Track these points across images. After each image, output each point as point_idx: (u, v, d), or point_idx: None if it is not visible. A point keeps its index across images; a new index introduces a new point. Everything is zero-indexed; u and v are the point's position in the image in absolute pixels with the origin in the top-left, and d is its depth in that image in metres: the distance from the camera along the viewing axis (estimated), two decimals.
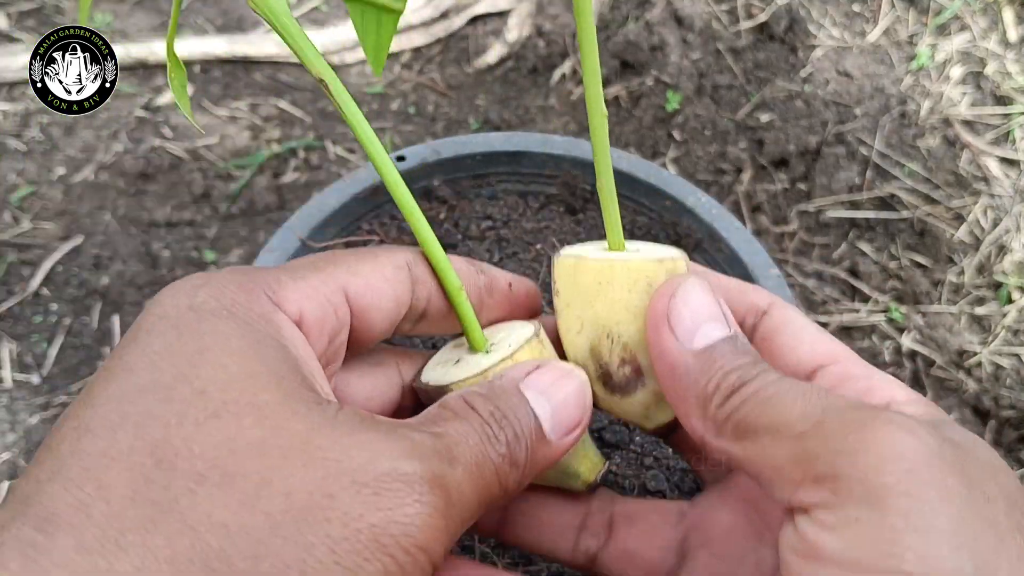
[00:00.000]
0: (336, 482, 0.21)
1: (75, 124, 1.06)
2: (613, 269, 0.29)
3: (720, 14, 1.12)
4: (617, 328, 0.30)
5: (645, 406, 0.31)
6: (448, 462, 0.23)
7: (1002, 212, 0.99)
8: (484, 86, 1.15)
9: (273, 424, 0.21)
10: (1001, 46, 1.14)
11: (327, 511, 0.20)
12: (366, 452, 0.22)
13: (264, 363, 0.22)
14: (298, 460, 0.21)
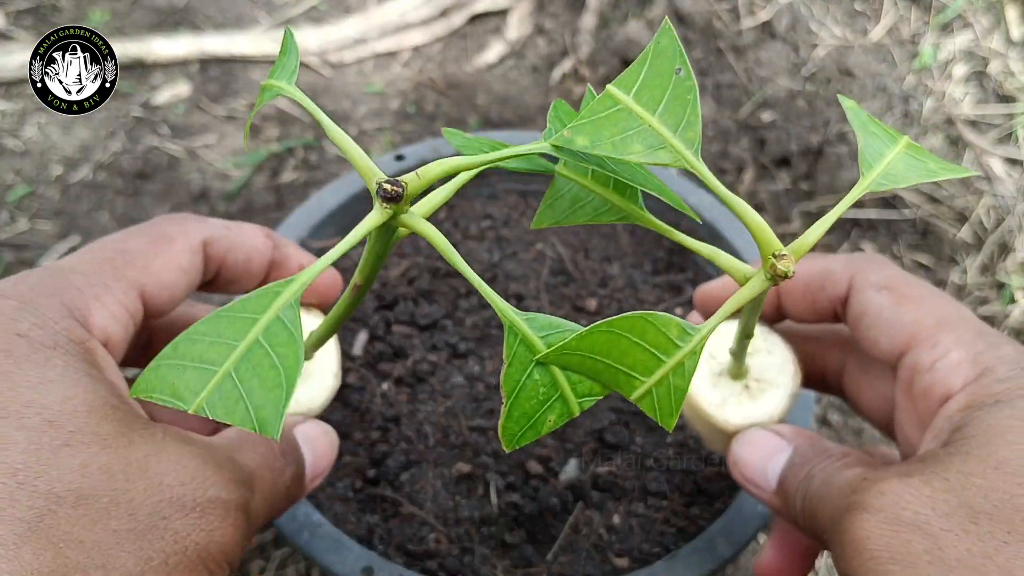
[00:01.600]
0: (170, 505, 0.25)
1: (72, 123, 1.05)
2: (700, 412, 0.36)
3: (722, 12, 1.12)
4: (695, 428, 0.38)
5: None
6: (251, 490, 0.28)
7: (1005, 212, 0.98)
8: (484, 85, 1.14)
9: (116, 452, 0.25)
10: (1004, 45, 1.14)
11: (163, 530, 0.24)
12: (194, 480, 0.26)
13: (98, 394, 0.25)
14: (140, 483, 0.24)
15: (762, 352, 0.35)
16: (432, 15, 1.19)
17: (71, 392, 0.25)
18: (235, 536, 0.26)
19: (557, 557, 0.47)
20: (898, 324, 0.30)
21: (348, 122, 1.09)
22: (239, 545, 0.26)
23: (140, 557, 0.23)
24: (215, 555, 0.25)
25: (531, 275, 0.56)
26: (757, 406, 0.34)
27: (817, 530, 0.28)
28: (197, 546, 0.24)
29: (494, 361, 0.53)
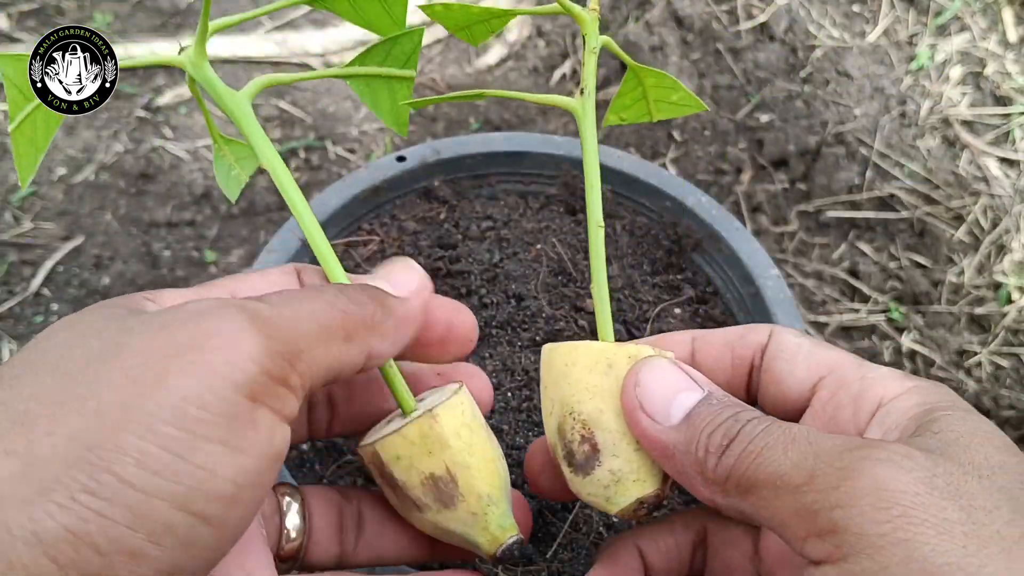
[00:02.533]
0: (128, 334, 0.24)
1: (76, 124, 1.06)
2: (577, 351, 0.32)
3: (720, 14, 1.12)
4: (578, 407, 0.31)
5: (604, 486, 0.31)
6: (262, 301, 0.25)
7: (1002, 212, 0.99)
8: (484, 86, 1.15)
9: (82, 325, 0.26)
10: (1001, 46, 1.14)
11: (118, 352, 0.23)
12: (167, 312, 0.25)
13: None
14: (95, 336, 0.24)
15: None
16: None
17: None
18: (234, 327, 0.23)
19: (557, 555, 0.48)
20: (816, 357, 0.31)
21: (349, 123, 1.09)
22: (250, 334, 0.23)
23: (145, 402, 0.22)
24: (205, 350, 0.23)
25: (531, 275, 0.56)
26: (642, 348, 0.33)
27: (748, 478, 0.25)
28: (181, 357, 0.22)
29: (494, 361, 0.54)
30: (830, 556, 0.22)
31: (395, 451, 0.31)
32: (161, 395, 0.21)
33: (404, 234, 0.59)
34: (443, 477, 0.31)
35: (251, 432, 0.23)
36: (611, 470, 0.31)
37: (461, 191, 0.63)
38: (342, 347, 0.27)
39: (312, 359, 0.25)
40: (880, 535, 0.21)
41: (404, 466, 0.32)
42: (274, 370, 0.23)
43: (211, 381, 0.22)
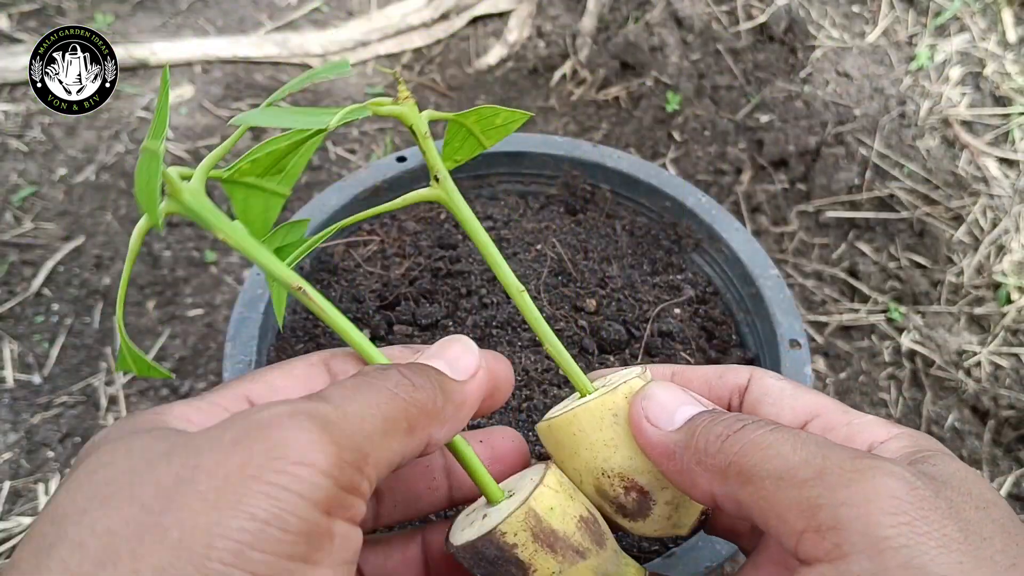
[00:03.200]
0: (197, 455, 0.23)
1: (76, 125, 1.06)
2: (578, 417, 0.32)
3: (720, 15, 1.12)
4: (607, 465, 0.32)
5: (667, 517, 0.33)
6: (323, 400, 0.25)
7: (1001, 212, 0.99)
8: (484, 87, 1.15)
9: (140, 450, 0.24)
10: (1000, 47, 1.14)
11: (193, 477, 0.22)
12: (231, 426, 0.24)
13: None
14: (163, 461, 0.23)
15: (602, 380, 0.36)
16: (433, 18, 1.20)
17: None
18: (295, 432, 0.23)
19: None
20: (801, 400, 0.32)
21: (350, 124, 1.09)
22: (312, 441, 0.23)
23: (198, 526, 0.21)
24: (270, 463, 0.22)
25: (531, 275, 0.56)
26: (620, 384, 0.33)
27: (751, 467, 0.26)
28: (241, 466, 0.22)
29: None
30: (827, 554, 0.23)
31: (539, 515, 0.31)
32: (244, 519, 0.21)
33: (404, 234, 0.59)
34: (588, 518, 0.32)
35: (328, 543, 0.23)
36: (667, 502, 0.33)
37: (461, 191, 0.63)
38: (404, 440, 0.26)
39: (379, 459, 0.25)
40: (884, 538, 0.22)
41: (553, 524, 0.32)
42: (345, 481, 0.23)
43: (290, 501, 0.22)
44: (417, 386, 0.27)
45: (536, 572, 0.31)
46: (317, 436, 0.23)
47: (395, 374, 0.27)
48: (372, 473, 0.24)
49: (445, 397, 0.28)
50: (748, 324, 0.58)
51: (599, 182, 0.64)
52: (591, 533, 0.33)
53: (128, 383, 0.84)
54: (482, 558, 0.31)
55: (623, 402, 0.32)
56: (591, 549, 0.32)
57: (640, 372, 0.34)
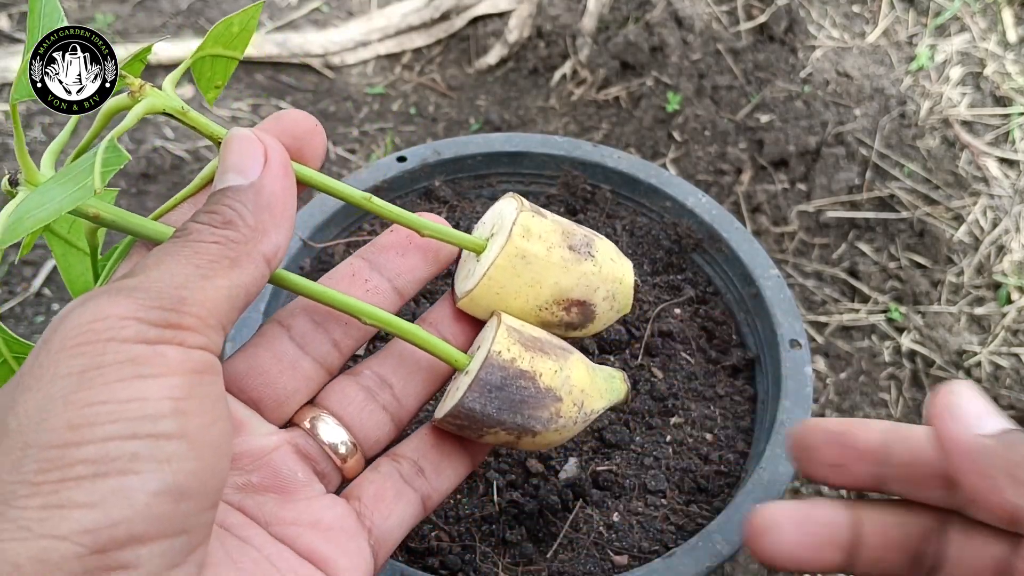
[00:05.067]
0: (31, 360, 0.24)
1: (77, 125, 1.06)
2: (493, 279, 0.33)
3: (720, 15, 1.12)
4: (539, 300, 0.34)
5: (609, 308, 0.35)
6: (129, 276, 0.25)
7: (1001, 212, 0.99)
8: (485, 87, 1.15)
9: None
10: (1000, 47, 1.14)
11: (23, 379, 0.23)
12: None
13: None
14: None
15: (484, 225, 0.36)
16: (433, 18, 1.19)
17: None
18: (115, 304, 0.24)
19: (557, 555, 0.48)
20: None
21: (350, 123, 1.09)
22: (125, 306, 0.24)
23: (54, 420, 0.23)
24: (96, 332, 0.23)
25: None
26: (505, 224, 0.34)
27: None
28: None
29: None
30: None
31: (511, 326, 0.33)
32: (62, 381, 0.22)
33: None
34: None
35: (161, 359, 0.23)
36: (604, 298, 0.35)
37: (462, 191, 0.63)
38: (234, 273, 0.26)
39: (201, 300, 0.25)
40: None
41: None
42: (156, 319, 0.24)
43: (100, 348, 0.23)
44: (226, 224, 0.27)
45: (542, 376, 0.32)
46: (111, 299, 0.24)
47: (196, 226, 0.27)
48: (199, 311, 0.25)
49: (252, 212, 0.28)
50: (748, 324, 0.58)
51: (599, 182, 0.64)
52: (558, 339, 0.35)
53: None
54: (491, 388, 0.31)
55: (523, 242, 0.33)
56: (572, 348, 0.34)
57: (508, 203, 0.34)
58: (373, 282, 0.35)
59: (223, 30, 0.32)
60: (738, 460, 0.53)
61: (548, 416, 0.33)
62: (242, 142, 0.29)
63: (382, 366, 0.35)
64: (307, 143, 0.34)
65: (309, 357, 0.34)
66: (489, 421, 0.33)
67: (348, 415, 0.34)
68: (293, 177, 0.30)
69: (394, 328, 0.32)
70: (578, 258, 0.34)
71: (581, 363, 0.34)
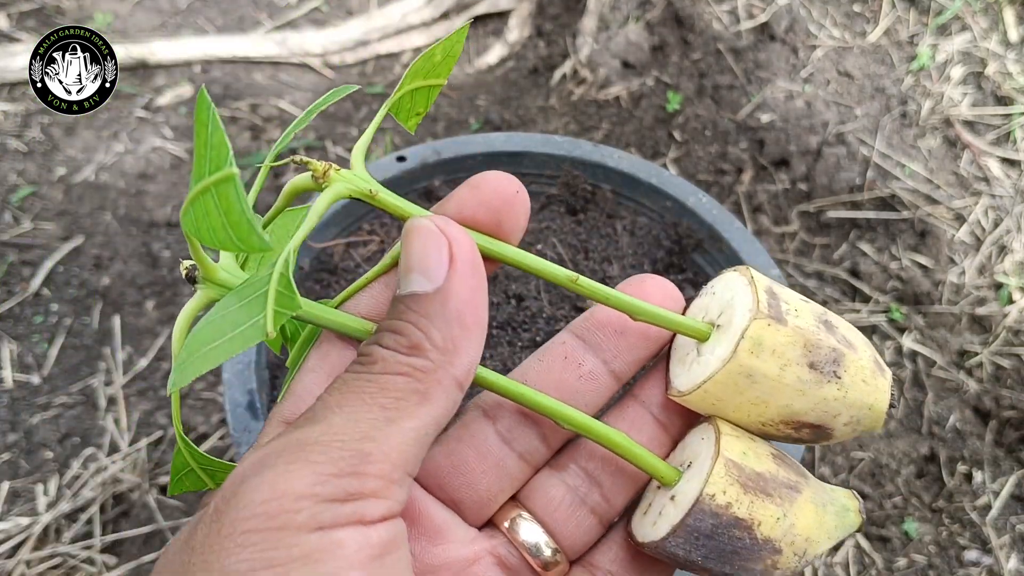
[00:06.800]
0: (194, 531, 0.22)
1: (75, 125, 1.06)
2: (710, 392, 0.29)
3: (721, 14, 1.12)
4: (763, 418, 0.29)
5: (851, 431, 0.30)
6: (308, 422, 0.23)
7: (1003, 212, 0.99)
8: (485, 86, 1.15)
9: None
10: (1002, 46, 1.14)
11: (191, 557, 0.22)
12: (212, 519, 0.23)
13: None
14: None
15: (710, 303, 0.31)
16: (433, 17, 1.19)
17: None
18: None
19: None
20: None
21: (349, 123, 1.09)
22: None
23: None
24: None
25: (531, 276, 0.56)
26: (735, 321, 0.29)
27: None
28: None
29: (494, 361, 0.54)
30: None
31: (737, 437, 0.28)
32: (233, 561, 0.21)
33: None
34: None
35: (338, 551, 0.21)
36: (846, 424, 0.29)
37: None
38: (425, 411, 0.24)
39: (390, 450, 0.23)
40: None
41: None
42: (336, 494, 0.22)
43: (270, 540, 0.21)
44: (413, 349, 0.24)
45: (761, 525, 0.28)
46: (284, 468, 0.22)
47: (381, 352, 0.24)
48: (384, 467, 0.23)
49: (440, 329, 0.24)
50: None
51: (600, 182, 0.63)
52: (789, 465, 0.30)
53: (128, 384, 0.84)
54: (698, 535, 0.28)
55: (750, 359, 0.27)
56: (800, 480, 0.29)
57: (742, 287, 0.29)
58: (587, 366, 0.30)
59: (424, 63, 0.29)
60: None
61: (762, 569, 0.28)
62: (424, 237, 0.25)
63: (590, 461, 0.31)
64: (507, 215, 0.28)
65: (515, 454, 0.30)
66: (692, 567, 0.29)
67: (554, 521, 0.30)
68: (483, 276, 0.26)
69: (597, 437, 0.28)
70: (819, 379, 0.28)
71: (810, 504, 0.29)
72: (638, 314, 0.29)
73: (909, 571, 0.74)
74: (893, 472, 0.79)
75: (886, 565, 0.75)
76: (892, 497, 0.78)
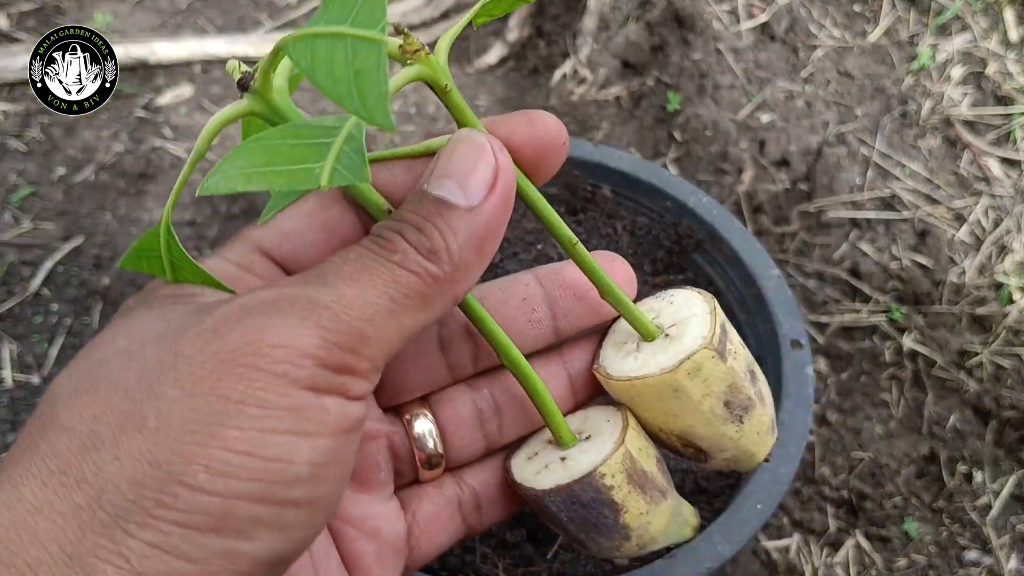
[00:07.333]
0: (181, 341, 0.22)
1: (75, 124, 1.06)
2: (636, 388, 0.31)
3: (721, 14, 1.12)
4: (666, 427, 0.32)
5: (724, 464, 0.33)
6: (318, 282, 0.23)
7: (1003, 212, 0.99)
8: (485, 86, 1.15)
9: (139, 330, 0.24)
10: (1002, 46, 1.14)
11: (173, 363, 0.22)
12: (215, 310, 0.23)
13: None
14: (152, 345, 0.23)
15: (664, 308, 0.33)
16: (433, 17, 1.19)
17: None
18: (277, 322, 0.22)
19: (557, 556, 0.48)
20: None
21: None
22: (299, 327, 0.22)
23: (151, 394, 0.21)
24: (247, 348, 0.22)
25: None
26: (685, 340, 0.30)
27: None
28: (216, 354, 0.22)
29: None
30: None
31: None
32: (217, 402, 0.21)
33: None
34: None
35: (321, 416, 0.22)
36: (725, 460, 0.33)
37: None
38: (419, 315, 0.24)
39: (383, 340, 0.24)
40: None
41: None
42: (334, 362, 0.22)
43: (266, 382, 0.21)
44: (431, 254, 0.24)
45: (627, 514, 0.31)
46: (299, 322, 0.22)
47: (403, 244, 0.24)
48: (375, 352, 0.23)
49: (460, 247, 0.25)
50: (750, 324, 0.58)
51: (600, 182, 0.63)
52: (665, 474, 0.33)
53: None
54: (575, 501, 0.30)
55: (685, 379, 0.30)
56: (668, 489, 0.32)
57: (703, 315, 0.31)
58: (539, 315, 0.32)
59: None
60: None
61: (608, 546, 0.32)
62: (473, 151, 0.26)
63: (503, 394, 0.33)
64: (548, 159, 0.30)
65: (446, 362, 0.32)
66: (553, 521, 0.32)
67: (450, 430, 0.32)
68: (511, 209, 0.27)
69: (524, 379, 0.30)
70: (727, 418, 0.31)
71: (668, 511, 0.32)
72: (607, 295, 0.31)
73: (909, 571, 0.74)
74: (893, 472, 0.79)
75: (886, 565, 0.75)
76: (892, 497, 0.78)
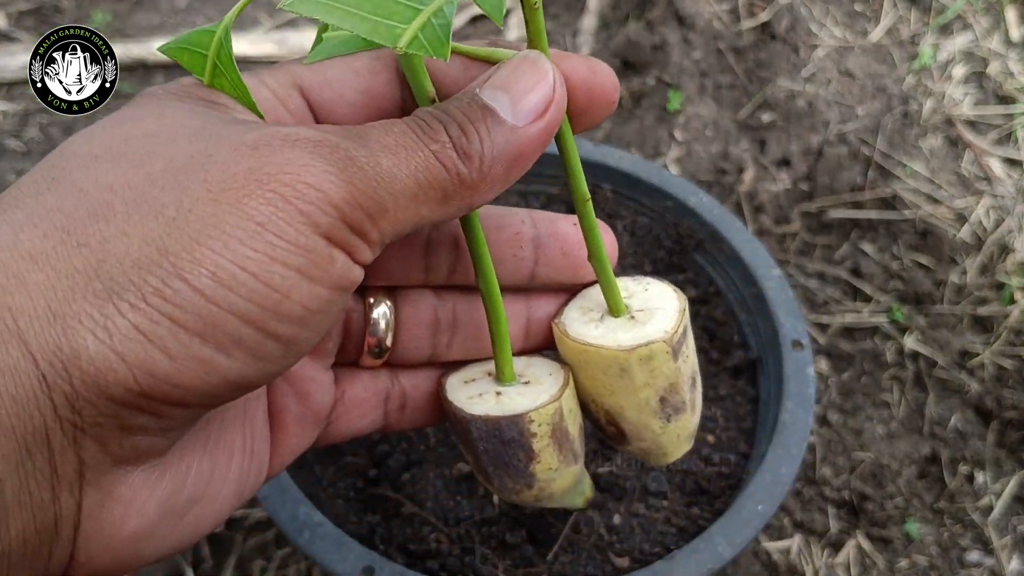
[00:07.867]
0: (217, 145, 0.22)
1: (74, 124, 1.06)
2: (588, 353, 0.32)
3: (722, 13, 1.12)
4: (599, 399, 0.33)
5: (636, 454, 0.35)
6: (359, 142, 0.23)
7: (1005, 212, 0.99)
8: None
9: (171, 120, 0.24)
10: (1004, 46, 1.14)
11: (205, 164, 0.22)
12: (257, 129, 0.23)
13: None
14: (185, 139, 0.23)
15: (638, 292, 0.34)
16: None
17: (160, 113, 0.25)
18: (314, 166, 0.22)
19: (558, 557, 0.47)
20: None
21: None
22: (330, 179, 0.22)
23: (175, 189, 0.21)
24: (279, 176, 0.21)
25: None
26: (648, 327, 0.31)
27: None
28: (250, 171, 0.21)
29: None
30: None
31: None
32: (240, 217, 0.21)
33: None
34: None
35: (327, 264, 0.22)
36: (641, 450, 0.34)
37: None
38: (436, 208, 0.25)
39: (400, 217, 0.24)
40: None
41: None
42: (353, 220, 0.23)
43: (290, 215, 0.21)
44: (465, 155, 0.24)
45: (539, 464, 0.32)
46: (335, 171, 0.22)
47: (444, 136, 0.24)
48: (387, 227, 0.24)
49: (493, 160, 0.25)
50: (750, 325, 0.58)
51: (600, 182, 0.63)
52: (582, 442, 0.34)
53: None
54: (498, 436, 0.31)
55: (635, 363, 0.31)
56: (580, 456, 0.34)
57: (672, 310, 0.32)
58: (523, 254, 0.33)
59: None
60: (740, 462, 0.53)
61: (509, 487, 0.33)
62: (536, 75, 0.26)
63: (465, 314, 0.34)
64: (595, 110, 0.30)
65: (424, 264, 0.33)
66: (470, 447, 0.33)
67: (404, 329, 0.33)
68: (550, 142, 0.27)
69: (494, 310, 0.31)
70: (657, 412, 0.32)
71: (572, 476, 0.34)
72: (594, 259, 0.32)
73: (911, 572, 0.74)
74: (895, 473, 0.79)
75: (888, 566, 0.74)
76: (894, 498, 0.78)
